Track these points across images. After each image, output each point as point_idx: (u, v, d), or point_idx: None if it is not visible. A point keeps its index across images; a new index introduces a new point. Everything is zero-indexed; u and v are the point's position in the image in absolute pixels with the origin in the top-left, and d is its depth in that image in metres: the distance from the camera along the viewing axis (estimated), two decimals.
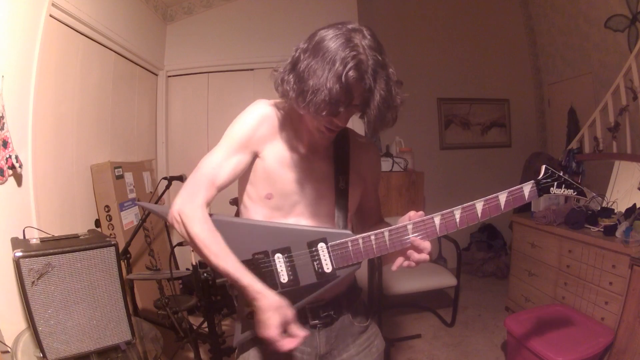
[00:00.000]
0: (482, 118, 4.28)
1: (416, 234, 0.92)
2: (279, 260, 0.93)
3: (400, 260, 0.94)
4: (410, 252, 0.92)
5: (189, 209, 0.91)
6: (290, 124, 1.00)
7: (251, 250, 0.93)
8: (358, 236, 0.93)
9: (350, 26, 0.84)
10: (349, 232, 0.95)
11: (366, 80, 0.80)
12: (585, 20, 3.35)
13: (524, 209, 2.93)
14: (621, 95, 2.74)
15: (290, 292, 0.92)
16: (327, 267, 0.93)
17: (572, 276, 2.29)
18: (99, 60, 2.43)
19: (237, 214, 1.11)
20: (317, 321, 1.01)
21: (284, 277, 0.93)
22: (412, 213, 0.95)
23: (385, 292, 2.61)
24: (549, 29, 3.93)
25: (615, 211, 2.32)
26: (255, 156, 0.98)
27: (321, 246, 0.93)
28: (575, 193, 0.96)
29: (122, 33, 2.59)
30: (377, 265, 2.54)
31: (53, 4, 1.85)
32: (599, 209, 2.40)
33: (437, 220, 0.92)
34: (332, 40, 0.81)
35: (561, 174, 0.96)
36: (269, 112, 0.99)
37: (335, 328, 1.03)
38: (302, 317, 0.98)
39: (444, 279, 2.75)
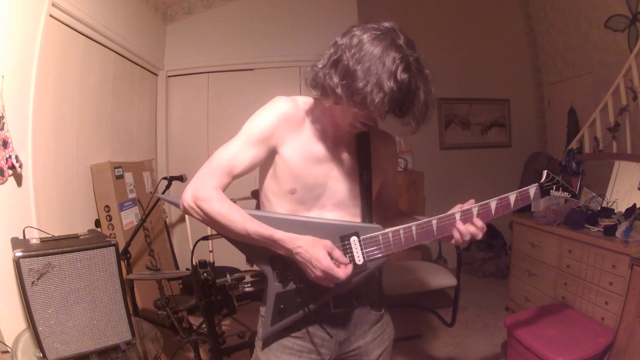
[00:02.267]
0: (482, 118, 4.28)
1: (440, 229, 0.98)
2: None
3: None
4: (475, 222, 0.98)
5: (203, 192, 0.93)
6: (312, 119, 1.01)
7: None
8: (388, 230, 0.98)
9: (386, 25, 0.87)
10: (379, 226, 0.99)
11: (414, 80, 0.86)
12: (585, 20, 3.34)
13: (524, 209, 2.93)
14: (621, 95, 2.74)
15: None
16: (359, 259, 0.96)
17: (572, 276, 2.29)
18: (99, 60, 2.43)
19: (257, 208, 1.13)
20: (339, 309, 1.04)
21: None
22: (472, 200, 1.01)
23: (385, 292, 2.61)
24: (548, 29, 3.93)
25: (615, 211, 2.32)
26: (273, 152, 1.00)
27: (354, 239, 0.97)
28: (569, 195, 1.11)
29: (122, 33, 2.59)
30: None
31: (53, 4, 1.85)
32: (599, 209, 2.40)
33: (457, 216, 0.99)
34: (376, 42, 0.84)
35: (559, 178, 1.09)
36: (290, 109, 0.99)
37: (355, 316, 1.07)
38: (325, 306, 1.02)
39: (444, 279, 2.75)
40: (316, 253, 0.87)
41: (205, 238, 1.97)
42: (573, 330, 2.03)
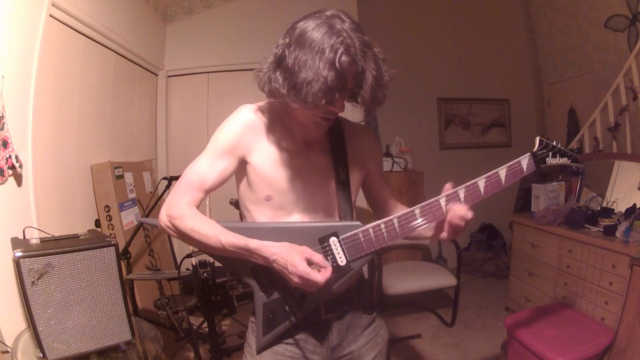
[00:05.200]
0: (482, 118, 4.28)
1: (423, 218, 0.93)
2: None
3: (447, 229, 0.93)
4: (451, 217, 0.91)
5: (175, 210, 0.93)
6: (279, 123, 1.00)
7: None
8: (368, 226, 0.93)
9: (327, 13, 0.85)
10: (358, 223, 0.95)
11: (358, 63, 0.82)
12: (585, 20, 3.35)
13: (524, 209, 2.93)
14: (621, 95, 2.74)
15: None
16: (341, 261, 0.93)
17: (572, 276, 2.29)
18: (99, 60, 2.43)
19: (241, 219, 1.12)
20: (330, 315, 1.02)
21: None
22: (448, 185, 0.96)
23: (385, 292, 2.61)
24: (548, 29, 3.93)
25: (615, 211, 2.32)
26: (242, 161, 0.99)
27: (333, 240, 0.93)
28: (570, 161, 0.98)
29: (122, 33, 2.59)
30: (377, 265, 2.54)
31: (53, 4, 1.85)
32: (599, 209, 2.40)
33: (442, 201, 0.93)
34: (315, 31, 0.82)
35: (554, 143, 0.98)
36: (253, 117, 0.99)
37: (346, 320, 1.05)
38: (316, 312, 1.00)
39: (444, 279, 2.75)
40: (291, 259, 0.85)
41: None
42: (573, 330, 2.03)
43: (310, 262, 0.86)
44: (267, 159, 0.97)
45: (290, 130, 1.00)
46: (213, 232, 0.91)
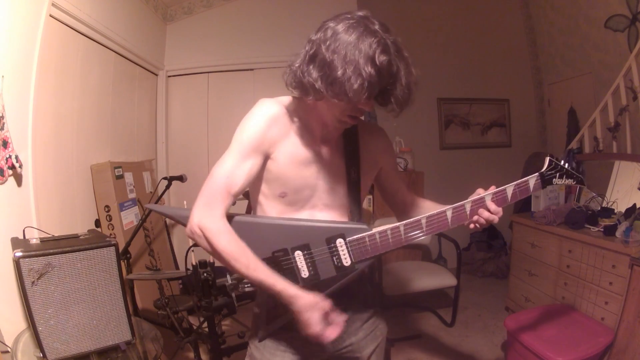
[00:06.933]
0: (482, 118, 4.28)
1: (428, 228, 0.96)
2: (299, 257, 0.96)
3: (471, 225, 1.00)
4: (480, 212, 0.98)
5: (209, 221, 0.91)
6: (299, 120, 1.00)
7: (271, 248, 0.95)
8: (375, 230, 0.96)
9: (359, 14, 0.88)
10: (365, 226, 0.97)
11: (393, 62, 0.86)
12: (585, 20, 3.34)
13: (524, 209, 2.93)
14: (621, 95, 2.74)
15: (311, 285, 0.95)
16: (347, 262, 0.96)
17: (572, 276, 2.29)
18: (99, 60, 2.43)
19: (248, 210, 1.14)
20: None
21: (304, 273, 0.96)
22: (480, 190, 1.01)
23: (385, 292, 2.61)
24: (548, 29, 3.93)
25: (615, 211, 2.32)
26: (267, 157, 0.99)
27: (340, 242, 0.96)
28: (574, 182, 1.03)
29: (122, 33, 2.59)
30: (377, 265, 2.54)
31: (53, 4, 1.85)
32: (599, 209, 2.40)
33: (449, 213, 0.97)
34: (350, 30, 0.84)
35: (562, 163, 1.02)
36: (277, 111, 0.98)
37: (347, 313, 1.06)
38: None
39: (444, 279, 2.75)
40: (309, 318, 0.89)
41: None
42: (573, 330, 2.03)
43: (327, 314, 0.91)
44: (287, 155, 0.98)
45: (309, 129, 1.00)
46: (244, 261, 0.90)
